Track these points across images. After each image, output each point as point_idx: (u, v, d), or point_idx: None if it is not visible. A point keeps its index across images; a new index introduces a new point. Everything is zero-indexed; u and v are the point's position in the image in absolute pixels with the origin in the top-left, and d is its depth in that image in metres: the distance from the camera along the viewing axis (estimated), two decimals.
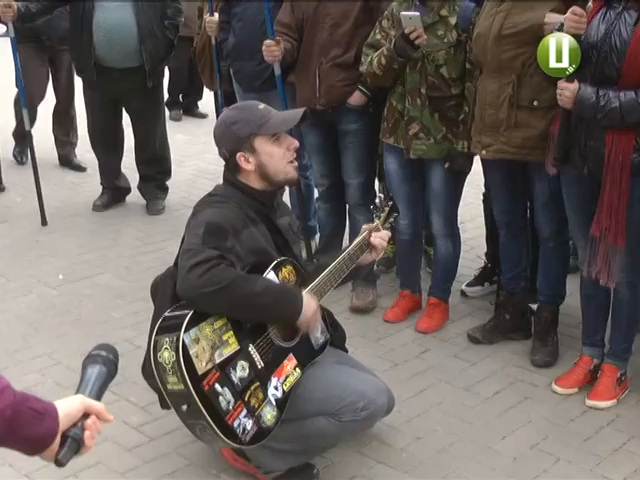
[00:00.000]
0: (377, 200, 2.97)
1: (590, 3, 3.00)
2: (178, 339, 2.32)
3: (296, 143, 2.69)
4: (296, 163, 2.70)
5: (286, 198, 4.67)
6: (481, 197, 4.36)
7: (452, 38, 3.56)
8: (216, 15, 4.55)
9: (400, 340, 3.82)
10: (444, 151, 3.66)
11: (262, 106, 2.68)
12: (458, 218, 3.98)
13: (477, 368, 3.58)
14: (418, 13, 3.45)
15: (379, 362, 3.57)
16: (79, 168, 6.32)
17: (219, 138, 2.69)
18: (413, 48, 3.49)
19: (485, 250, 4.38)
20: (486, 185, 4.01)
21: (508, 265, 3.79)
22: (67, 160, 6.35)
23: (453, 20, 3.56)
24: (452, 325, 3.96)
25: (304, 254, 4.22)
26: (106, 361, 1.58)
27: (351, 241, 2.94)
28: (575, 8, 2.92)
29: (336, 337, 2.91)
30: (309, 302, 2.54)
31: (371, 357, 3.57)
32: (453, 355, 3.69)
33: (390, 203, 2.99)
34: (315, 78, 3.91)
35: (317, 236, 4.62)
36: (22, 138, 6.01)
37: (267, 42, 3.90)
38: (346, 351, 3.02)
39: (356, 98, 3.90)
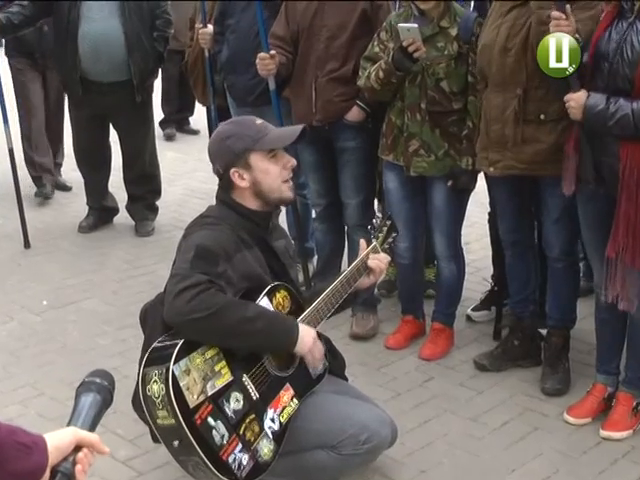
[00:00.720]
0: (374, 220, 2.97)
1: (568, 5, 3.03)
2: (167, 371, 2.31)
3: (293, 161, 2.70)
4: (291, 182, 2.71)
5: (282, 218, 4.71)
6: (487, 216, 4.36)
7: (453, 50, 3.58)
8: (210, 27, 4.57)
9: (403, 368, 3.81)
10: (446, 168, 3.67)
11: (259, 121, 2.69)
12: (462, 238, 3.98)
13: (484, 397, 3.57)
14: (416, 25, 3.47)
15: (380, 391, 3.56)
16: (64, 187, 6.34)
17: (213, 153, 2.70)
18: (412, 61, 3.50)
19: (492, 272, 4.38)
20: (491, 204, 4.02)
21: (515, 287, 3.78)
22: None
23: (454, 31, 3.58)
24: (457, 352, 3.95)
25: (301, 277, 4.22)
26: (100, 388, 1.57)
27: (350, 264, 2.94)
28: (553, 13, 2.99)
29: (335, 365, 2.91)
30: (306, 331, 2.54)
31: (372, 386, 3.56)
32: (459, 383, 3.67)
33: (388, 222, 2.98)
34: (311, 93, 3.92)
35: (315, 258, 4.62)
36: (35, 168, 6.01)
37: (261, 55, 3.91)
38: (346, 380, 3.01)
39: (354, 114, 3.92)
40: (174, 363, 2.33)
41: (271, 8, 4.18)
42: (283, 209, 4.63)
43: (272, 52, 3.90)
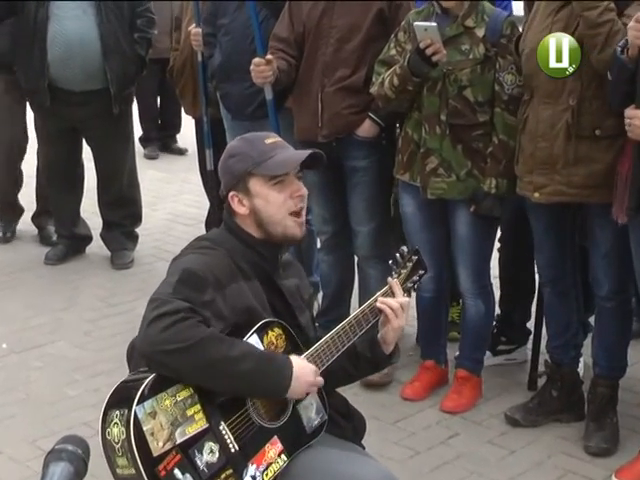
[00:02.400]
0: (398, 253, 2.86)
1: None
2: (130, 412, 2.33)
3: (303, 191, 2.70)
4: (302, 219, 2.71)
5: None
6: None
7: (479, 54, 3.62)
8: None
9: (422, 422, 3.82)
10: (468, 190, 3.69)
11: (270, 140, 2.69)
12: (491, 272, 4.00)
13: (517, 457, 3.57)
14: (435, 24, 3.51)
15: (396, 450, 3.57)
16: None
17: (219, 172, 2.76)
18: (430, 65, 3.54)
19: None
20: (501, 226, 4.01)
21: (554, 330, 3.80)
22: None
23: (480, 32, 3.63)
24: (485, 404, 3.96)
25: None
26: (73, 458, 1.58)
27: (360, 300, 2.91)
28: (639, 15, 2.99)
29: (347, 429, 2.82)
30: (302, 372, 2.51)
31: (386, 443, 3.57)
32: (487, 441, 3.69)
33: (415, 257, 2.88)
34: (317, 104, 3.97)
35: (320, 294, 4.64)
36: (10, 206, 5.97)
37: (256, 61, 3.94)
38: (362, 448, 2.90)
39: (366, 128, 3.96)
40: (138, 404, 2.34)
41: (270, 6, 4.23)
42: None
43: (268, 57, 3.94)
